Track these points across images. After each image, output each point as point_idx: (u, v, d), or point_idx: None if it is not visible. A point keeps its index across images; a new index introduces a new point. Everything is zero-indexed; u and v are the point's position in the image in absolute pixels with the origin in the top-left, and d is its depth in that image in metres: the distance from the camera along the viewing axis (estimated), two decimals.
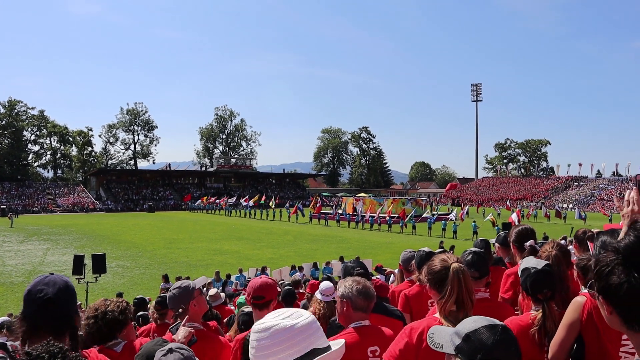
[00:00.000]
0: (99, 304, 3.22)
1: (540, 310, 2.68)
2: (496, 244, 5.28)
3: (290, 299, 5.69)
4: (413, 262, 4.44)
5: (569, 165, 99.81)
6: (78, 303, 4.35)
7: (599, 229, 4.80)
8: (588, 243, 4.15)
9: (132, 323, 3.64)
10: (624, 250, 1.44)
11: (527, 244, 4.19)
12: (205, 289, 11.85)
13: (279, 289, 6.80)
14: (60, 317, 2.22)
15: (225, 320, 6.35)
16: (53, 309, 2.21)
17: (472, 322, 1.60)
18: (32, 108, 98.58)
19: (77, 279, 16.10)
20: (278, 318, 1.36)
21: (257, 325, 1.38)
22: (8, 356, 2.15)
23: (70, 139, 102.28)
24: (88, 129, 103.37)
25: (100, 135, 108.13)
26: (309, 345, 1.33)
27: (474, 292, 2.45)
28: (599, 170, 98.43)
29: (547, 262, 2.86)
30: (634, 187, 2.15)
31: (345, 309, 2.82)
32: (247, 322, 4.55)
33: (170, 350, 2.25)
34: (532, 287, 2.72)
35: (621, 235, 2.11)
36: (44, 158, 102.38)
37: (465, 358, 1.54)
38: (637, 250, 1.43)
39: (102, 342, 3.05)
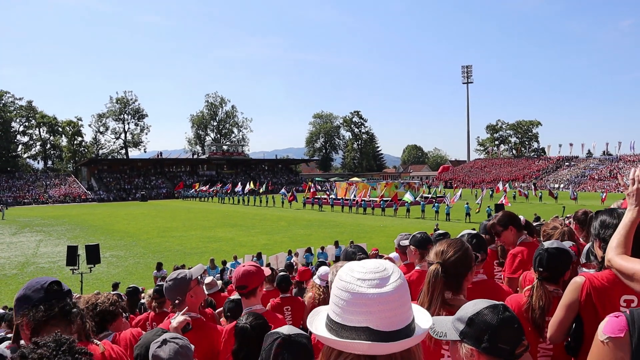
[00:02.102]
0: (89, 297, 3.24)
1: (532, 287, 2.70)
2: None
3: (285, 285, 5.71)
4: (410, 246, 4.41)
5: (560, 146, 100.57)
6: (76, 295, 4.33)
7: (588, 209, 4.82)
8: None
9: (124, 315, 3.64)
10: None
11: (522, 219, 4.21)
12: (201, 277, 11.84)
13: (269, 271, 6.81)
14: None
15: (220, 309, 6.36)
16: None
17: (473, 306, 1.63)
18: (20, 99, 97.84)
19: (71, 269, 16.08)
20: (362, 285, 1.13)
21: (339, 279, 1.18)
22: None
23: (60, 129, 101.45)
24: (77, 119, 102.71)
25: (90, 125, 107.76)
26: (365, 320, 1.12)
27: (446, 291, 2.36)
28: (589, 150, 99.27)
29: (559, 244, 2.83)
30: None
31: None
32: (232, 310, 4.55)
33: (165, 342, 2.24)
34: (534, 264, 2.77)
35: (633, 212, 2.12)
36: (33, 149, 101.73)
37: (471, 341, 1.57)
38: None
39: (94, 334, 3.03)
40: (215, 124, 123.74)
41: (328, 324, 1.18)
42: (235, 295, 4.61)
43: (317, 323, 1.23)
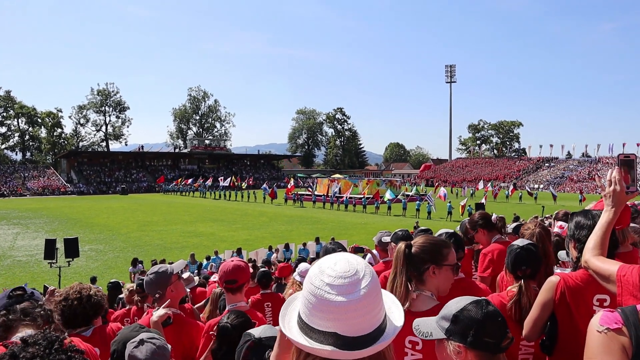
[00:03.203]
0: (80, 286, 3.09)
1: (517, 287, 2.74)
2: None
3: (266, 281, 5.71)
4: (391, 243, 4.45)
5: (540, 147, 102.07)
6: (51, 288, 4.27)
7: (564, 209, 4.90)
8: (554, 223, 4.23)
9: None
10: None
11: (493, 217, 4.28)
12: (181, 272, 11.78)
13: (251, 270, 6.81)
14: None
15: (202, 303, 6.34)
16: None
17: (456, 303, 1.65)
18: None
19: (49, 263, 15.87)
20: (330, 291, 1.11)
21: (309, 282, 1.16)
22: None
23: (39, 120, 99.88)
24: (57, 110, 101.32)
25: (70, 117, 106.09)
26: (336, 326, 1.10)
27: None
28: (569, 152, 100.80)
29: (530, 241, 2.91)
30: (616, 167, 2.17)
31: None
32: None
33: (142, 342, 2.21)
34: (513, 264, 2.78)
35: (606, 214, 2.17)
36: (11, 140, 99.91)
37: (457, 338, 1.59)
38: None
39: (78, 326, 3.00)
40: (197, 118, 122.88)
41: (299, 322, 1.17)
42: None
43: (289, 318, 1.22)
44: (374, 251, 5.86)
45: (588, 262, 2.17)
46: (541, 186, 77.78)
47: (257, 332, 1.99)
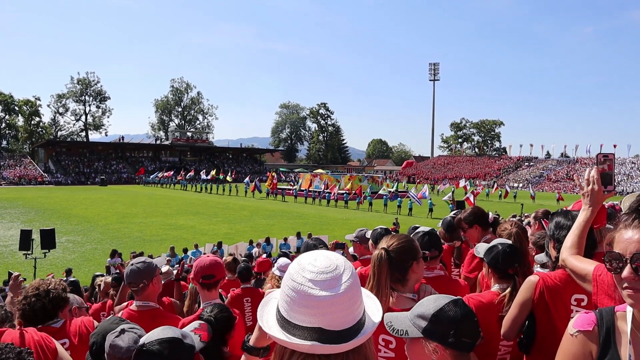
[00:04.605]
0: (38, 282, 3.13)
1: (509, 286, 2.74)
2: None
3: (246, 273, 5.71)
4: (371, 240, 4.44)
5: (520, 146, 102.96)
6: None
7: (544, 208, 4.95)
8: (542, 222, 4.27)
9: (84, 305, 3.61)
10: None
11: (490, 217, 4.30)
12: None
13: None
14: None
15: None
16: None
17: (434, 302, 1.63)
18: None
19: (24, 254, 15.60)
20: (313, 287, 1.12)
21: (290, 278, 1.16)
22: None
23: (16, 108, 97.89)
24: (35, 98, 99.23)
25: (49, 105, 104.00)
26: (320, 321, 1.12)
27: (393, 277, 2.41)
28: (548, 151, 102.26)
29: (509, 241, 2.95)
30: (595, 166, 2.19)
31: None
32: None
33: (123, 331, 2.19)
34: (504, 262, 2.77)
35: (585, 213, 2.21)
36: None
37: (437, 338, 1.56)
38: None
39: (43, 322, 2.99)
40: (179, 109, 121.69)
41: (279, 319, 1.18)
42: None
43: (268, 317, 1.23)
44: (350, 249, 5.86)
45: (565, 261, 2.19)
46: (520, 185, 78.77)
47: (145, 337, 1.93)
